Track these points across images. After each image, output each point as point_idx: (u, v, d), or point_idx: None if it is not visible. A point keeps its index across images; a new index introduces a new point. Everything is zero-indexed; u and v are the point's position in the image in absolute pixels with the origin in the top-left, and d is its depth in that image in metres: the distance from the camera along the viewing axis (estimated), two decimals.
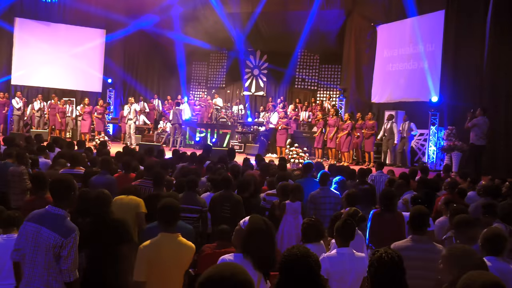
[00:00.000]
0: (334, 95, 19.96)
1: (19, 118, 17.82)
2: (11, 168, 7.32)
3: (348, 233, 4.01)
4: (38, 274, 3.43)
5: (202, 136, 17.69)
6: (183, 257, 3.63)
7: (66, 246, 3.37)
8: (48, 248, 3.38)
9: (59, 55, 19.48)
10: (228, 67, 22.03)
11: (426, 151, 14.35)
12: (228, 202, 6.02)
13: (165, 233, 3.65)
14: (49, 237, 3.38)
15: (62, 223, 3.45)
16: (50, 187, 3.73)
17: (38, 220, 3.50)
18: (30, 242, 3.48)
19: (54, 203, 3.57)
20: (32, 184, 5.32)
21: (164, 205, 3.73)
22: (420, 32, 15.13)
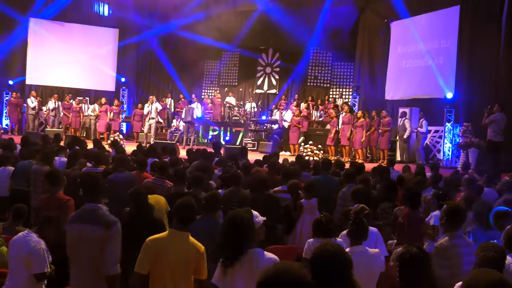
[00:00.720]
0: (346, 93, 19.87)
1: (33, 118, 17.98)
2: (34, 167, 7.35)
3: (360, 232, 3.98)
4: (85, 271, 3.49)
5: (215, 134, 17.72)
6: (191, 258, 3.50)
7: (110, 238, 3.43)
8: (93, 243, 3.44)
9: (73, 55, 19.59)
10: (241, 65, 22.02)
11: (442, 148, 14.24)
12: (235, 197, 6.03)
13: (175, 230, 3.60)
14: (93, 231, 3.44)
15: (103, 216, 3.52)
16: (83, 184, 3.77)
17: (78, 219, 3.57)
18: (74, 242, 3.54)
19: (89, 200, 3.64)
20: (48, 181, 5.32)
21: (182, 204, 3.69)
22: (435, 28, 15.00)
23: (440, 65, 14.68)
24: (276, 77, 21.39)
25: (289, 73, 20.83)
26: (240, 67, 22.11)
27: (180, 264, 3.46)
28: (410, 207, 5.58)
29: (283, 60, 20.98)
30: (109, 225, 3.45)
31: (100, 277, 3.44)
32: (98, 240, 3.42)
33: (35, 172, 7.18)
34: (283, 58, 21.01)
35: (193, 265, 3.49)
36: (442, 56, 14.64)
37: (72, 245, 3.55)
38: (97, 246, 3.42)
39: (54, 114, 18.02)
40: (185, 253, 3.49)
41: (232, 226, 3.19)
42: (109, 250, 3.42)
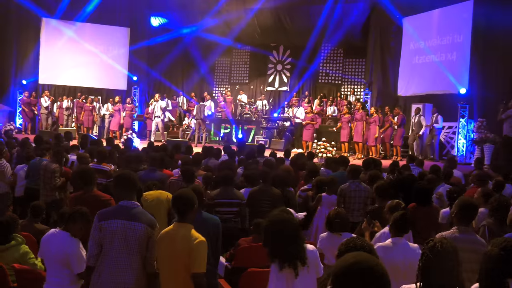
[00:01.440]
0: (358, 89, 19.77)
1: (46, 117, 18.12)
2: (43, 163, 7.43)
3: (404, 225, 4.05)
4: (123, 268, 3.53)
5: (227, 132, 17.72)
6: (191, 250, 3.46)
7: (153, 235, 3.57)
8: (139, 240, 3.54)
9: (85, 54, 19.69)
10: (251, 63, 21.99)
11: (455, 144, 14.11)
12: (267, 196, 6.01)
13: (178, 223, 3.61)
14: (141, 230, 3.54)
15: (145, 214, 3.66)
16: (118, 183, 3.79)
17: (121, 216, 3.61)
18: (116, 239, 3.56)
19: (125, 198, 3.70)
20: (80, 180, 5.33)
21: (177, 195, 3.70)
22: (448, 23, 14.86)
23: (453, 60, 14.55)
24: (287, 75, 21.34)
25: (300, 70, 20.76)
26: (251, 65, 22.08)
27: (182, 257, 3.45)
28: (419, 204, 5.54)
29: (294, 57, 20.91)
30: (154, 224, 3.60)
31: (136, 272, 3.53)
32: (143, 237, 3.53)
33: (44, 168, 7.26)
34: (294, 55, 20.93)
35: (189, 258, 3.46)
36: (456, 51, 14.50)
37: (108, 240, 3.56)
38: (142, 243, 3.53)
39: (67, 113, 18.14)
40: (187, 245, 3.47)
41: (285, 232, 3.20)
42: (153, 247, 3.55)
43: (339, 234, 4.64)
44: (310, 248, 3.40)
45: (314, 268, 3.38)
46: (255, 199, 6.08)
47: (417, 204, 5.44)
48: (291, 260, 3.21)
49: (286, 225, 3.30)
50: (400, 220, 4.06)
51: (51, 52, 19.53)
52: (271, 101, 20.40)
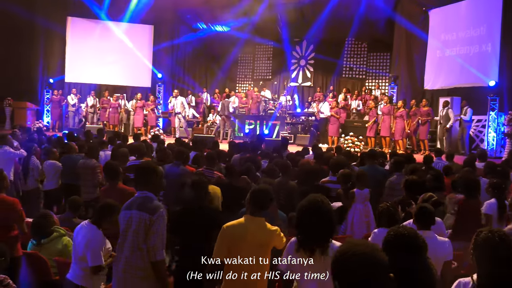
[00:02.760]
0: (383, 83, 19.55)
1: (74, 115, 18.37)
2: (81, 161, 7.50)
3: (426, 217, 3.95)
4: (127, 255, 3.58)
5: (252, 128, 17.71)
6: (267, 242, 3.56)
7: (154, 223, 3.51)
8: (138, 228, 3.54)
9: (109, 52, 19.91)
10: (274, 59, 21.92)
11: (485, 137, 13.86)
12: (284, 189, 5.99)
13: (251, 216, 3.61)
14: (139, 217, 3.55)
15: (149, 202, 3.61)
16: (135, 174, 3.82)
17: (128, 207, 3.69)
18: (126, 229, 3.64)
19: (140, 188, 3.74)
20: (105, 174, 5.42)
21: (259, 190, 3.71)
22: (476, 15, 14.58)
23: (482, 52, 14.27)
24: (310, 70, 21.22)
25: (323, 65, 20.64)
26: (273, 60, 22.02)
27: (256, 249, 3.50)
28: (467, 196, 5.46)
29: (317, 52, 20.77)
30: (154, 211, 3.54)
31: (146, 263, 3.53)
32: (143, 225, 3.52)
33: (83, 166, 7.32)
34: (317, 50, 20.79)
35: (269, 248, 3.56)
36: (484, 43, 14.22)
37: (123, 230, 3.66)
38: (142, 231, 3.53)
39: (92, 110, 18.37)
40: (261, 238, 3.53)
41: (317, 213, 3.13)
42: (154, 235, 3.50)
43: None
44: (336, 245, 3.30)
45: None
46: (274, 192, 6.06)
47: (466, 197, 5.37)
48: (311, 244, 3.08)
49: (319, 208, 3.18)
50: (420, 212, 3.97)
51: (76, 51, 19.80)
52: (295, 96, 20.33)
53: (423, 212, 3.95)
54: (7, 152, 7.77)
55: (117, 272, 3.66)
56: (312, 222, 3.06)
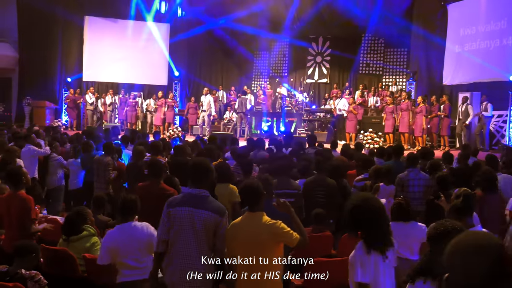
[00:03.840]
0: (400, 79, 19.37)
1: (92, 113, 18.53)
2: (96, 157, 7.60)
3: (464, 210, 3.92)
4: (194, 256, 3.56)
5: (268, 125, 17.69)
6: (261, 235, 3.46)
7: (222, 224, 3.56)
8: (206, 227, 3.54)
9: (126, 50, 20.06)
10: (291, 56, 21.85)
11: (507, 132, 13.66)
12: (322, 186, 5.95)
13: (249, 212, 3.61)
14: (208, 217, 3.54)
15: (214, 203, 3.65)
16: (191, 171, 3.79)
17: (189, 203, 3.63)
18: (184, 226, 3.60)
19: (195, 186, 3.70)
20: (148, 171, 5.40)
21: (246, 186, 3.69)
22: (497, 8, 14.37)
23: (503, 46, 14.06)
24: (327, 66, 21.09)
25: (340, 61, 20.51)
26: (290, 57, 21.94)
27: (259, 244, 3.45)
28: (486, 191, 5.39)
29: (334, 49, 20.63)
30: (222, 213, 3.58)
31: (205, 258, 3.54)
32: (210, 224, 3.53)
33: (97, 162, 7.40)
34: (334, 46, 20.65)
35: (270, 245, 3.47)
36: (505, 36, 14.00)
37: (177, 227, 3.60)
38: (210, 231, 3.54)
39: (110, 109, 18.50)
40: (261, 232, 3.46)
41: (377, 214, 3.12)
42: (222, 236, 3.55)
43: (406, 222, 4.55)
44: None
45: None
46: (310, 190, 6.02)
47: (484, 191, 5.30)
48: (380, 243, 3.08)
49: (372, 207, 3.17)
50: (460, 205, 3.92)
51: (94, 50, 19.97)
52: (311, 93, 20.25)
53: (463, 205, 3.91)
54: (32, 150, 7.87)
55: (170, 269, 3.63)
56: (374, 219, 3.06)
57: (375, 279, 3.02)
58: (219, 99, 20.41)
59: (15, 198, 4.90)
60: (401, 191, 6.19)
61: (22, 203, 4.84)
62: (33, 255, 3.91)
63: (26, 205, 4.85)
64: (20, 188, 4.95)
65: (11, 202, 4.92)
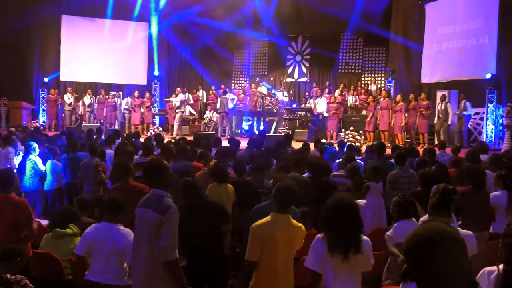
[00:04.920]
0: (379, 78, 19.57)
1: (70, 113, 18.26)
2: (84, 160, 7.47)
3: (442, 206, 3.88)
4: (144, 256, 3.52)
5: (249, 124, 17.70)
6: (295, 238, 3.59)
7: (164, 223, 3.44)
8: (151, 228, 3.49)
9: (105, 50, 19.81)
10: (271, 55, 21.87)
11: (484, 130, 13.91)
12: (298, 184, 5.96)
13: (278, 214, 3.59)
14: (152, 217, 3.49)
15: (161, 202, 3.55)
16: (146, 172, 3.78)
17: (144, 204, 3.65)
18: (138, 225, 3.62)
19: (154, 186, 3.68)
20: (117, 172, 5.39)
21: (283, 187, 3.66)
22: (473, 7, 14.62)
23: (479, 45, 14.31)
24: (306, 65, 21.18)
25: (319, 60, 20.61)
26: (269, 56, 21.96)
27: (287, 246, 3.53)
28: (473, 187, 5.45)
29: (313, 48, 20.72)
30: (164, 211, 3.46)
31: (158, 263, 3.48)
32: (154, 225, 3.46)
33: (86, 165, 7.28)
34: (313, 45, 20.74)
35: (298, 246, 3.60)
36: (482, 35, 14.25)
37: (138, 227, 3.64)
38: (154, 231, 3.47)
39: (89, 109, 18.26)
40: (290, 234, 3.55)
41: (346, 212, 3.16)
42: (164, 236, 3.43)
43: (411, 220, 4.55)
44: (366, 239, 3.33)
45: (364, 260, 3.27)
46: None
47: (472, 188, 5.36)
48: (345, 246, 3.12)
49: (348, 209, 3.22)
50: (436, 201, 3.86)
51: (71, 49, 19.66)
52: (291, 92, 20.31)
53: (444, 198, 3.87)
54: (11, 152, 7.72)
55: (138, 270, 3.62)
56: (345, 220, 3.09)
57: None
58: (199, 99, 20.34)
59: (7, 201, 4.71)
60: (393, 188, 6.25)
61: (16, 207, 4.69)
62: (18, 259, 3.82)
63: (23, 207, 4.72)
64: (11, 191, 4.79)
65: (3, 206, 4.73)
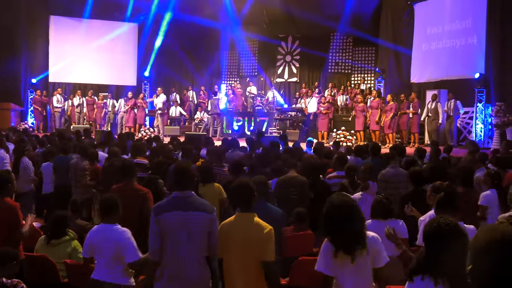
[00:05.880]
0: (369, 78, 19.66)
1: (59, 115, 18.10)
2: (73, 161, 7.41)
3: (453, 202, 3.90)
4: (195, 258, 3.53)
5: (240, 124, 17.70)
6: (255, 237, 3.49)
7: (214, 221, 3.57)
8: (203, 229, 3.53)
9: (94, 50, 19.65)
10: (260, 55, 21.87)
11: (473, 129, 14.05)
12: (294, 184, 5.99)
13: (240, 213, 3.60)
14: (198, 218, 3.52)
15: (201, 202, 3.64)
16: (176, 175, 3.76)
17: (180, 207, 3.57)
18: (175, 232, 3.53)
19: (181, 188, 3.67)
20: (121, 173, 5.30)
21: (237, 186, 3.69)
22: (461, 8, 14.75)
23: (468, 45, 14.44)
24: (296, 65, 21.21)
25: (309, 60, 20.65)
26: (259, 57, 21.96)
27: (247, 246, 3.46)
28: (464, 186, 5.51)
29: (303, 48, 20.75)
30: (211, 210, 3.59)
31: (201, 263, 3.54)
32: (204, 225, 3.53)
33: (75, 167, 7.22)
34: (303, 45, 20.77)
35: (260, 245, 3.47)
36: (470, 35, 14.38)
37: (168, 234, 3.54)
38: (206, 231, 3.54)
39: (79, 110, 18.11)
40: (250, 234, 3.49)
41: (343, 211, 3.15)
42: (216, 233, 3.57)
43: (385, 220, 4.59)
44: (371, 235, 3.32)
45: (371, 256, 3.27)
46: (282, 188, 6.07)
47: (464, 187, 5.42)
48: (349, 245, 3.11)
49: (347, 207, 3.22)
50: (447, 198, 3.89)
51: (60, 50, 19.48)
52: (281, 92, 20.33)
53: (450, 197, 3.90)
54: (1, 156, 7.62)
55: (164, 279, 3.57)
56: (348, 221, 3.09)
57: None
58: (190, 99, 20.28)
59: (1, 205, 4.62)
60: (384, 188, 6.29)
61: (9, 211, 4.60)
62: (14, 262, 3.78)
63: (15, 212, 4.61)
64: (5, 195, 4.67)
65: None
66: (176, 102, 18.99)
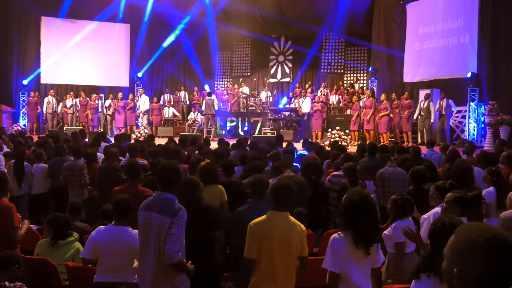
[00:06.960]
0: (362, 77, 19.73)
1: (52, 117, 17.98)
2: (68, 163, 7.36)
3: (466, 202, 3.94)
4: (153, 260, 3.51)
5: (233, 125, 17.67)
6: (293, 237, 3.53)
7: (173, 225, 3.44)
8: (159, 231, 3.46)
9: (86, 51, 19.52)
10: (252, 55, 21.87)
11: (466, 128, 14.14)
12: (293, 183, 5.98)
13: (275, 212, 3.58)
14: (159, 220, 3.47)
15: (171, 205, 3.54)
16: (158, 174, 3.73)
17: (148, 207, 3.61)
18: (142, 230, 3.59)
19: (161, 189, 3.66)
20: (126, 173, 5.27)
21: (280, 186, 3.64)
22: (453, 7, 14.84)
23: (460, 44, 14.54)
24: (289, 65, 21.25)
25: (302, 60, 20.65)
26: (252, 57, 21.96)
27: (284, 244, 3.48)
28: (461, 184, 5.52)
29: (296, 48, 20.79)
30: (175, 214, 3.47)
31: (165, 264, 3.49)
32: (165, 229, 3.45)
33: (70, 168, 7.18)
34: (296, 45, 20.82)
35: (298, 244, 3.51)
36: (462, 35, 14.49)
37: (143, 232, 3.60)
38: (163, 234, 3.46)
39: (71, 112, 18.00)
40: (288, 232, 3.51)
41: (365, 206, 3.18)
42: (172, 238, 3.43)
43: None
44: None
45: (372, 256, 3.29)
46: None
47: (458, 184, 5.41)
48: (371, 240, 3.15)
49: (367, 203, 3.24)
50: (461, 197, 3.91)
51: (52, 51, 19.31)
52: (275, 92, 20.34)
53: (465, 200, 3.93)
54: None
55: (145, 272, 3.59)
56: (365, 214, 3.14)
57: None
58: (181, 100, 20.23)
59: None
60: (382, 186, 6.31)
61: (5, 213, 4.56)
62: (16, 265, 3.75)
63: (11, 214, 4.57)
64: (2, 196, 4.64)
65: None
66: (169, 103, 18.93)
